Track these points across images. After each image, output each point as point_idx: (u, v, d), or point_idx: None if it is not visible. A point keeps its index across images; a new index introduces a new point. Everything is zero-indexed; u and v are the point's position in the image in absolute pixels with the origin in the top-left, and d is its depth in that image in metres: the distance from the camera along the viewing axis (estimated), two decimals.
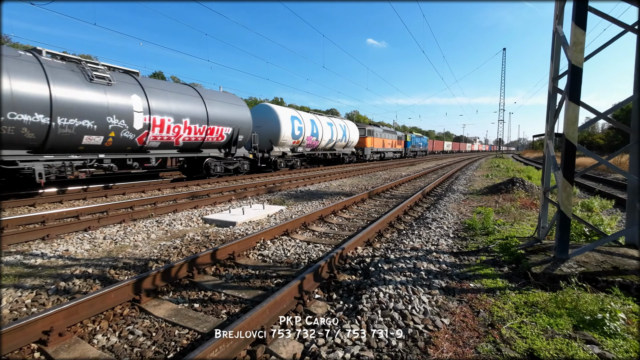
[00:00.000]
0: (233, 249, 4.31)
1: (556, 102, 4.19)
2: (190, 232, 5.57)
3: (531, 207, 7.32)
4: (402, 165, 25.62)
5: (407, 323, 2.59)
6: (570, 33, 3.36)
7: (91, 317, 2.80)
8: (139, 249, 4.74)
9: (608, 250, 3.70)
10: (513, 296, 3.02)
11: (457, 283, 3.41)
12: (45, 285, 3.49)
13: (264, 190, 10.67)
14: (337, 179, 14.89)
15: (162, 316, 2.89)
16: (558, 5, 4.02)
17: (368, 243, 4.86)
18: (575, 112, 3.37)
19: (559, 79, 4.17)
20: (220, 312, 2.98)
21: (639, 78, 3.58)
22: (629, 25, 3.55)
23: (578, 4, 3.27)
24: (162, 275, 3.42)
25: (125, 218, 6.50)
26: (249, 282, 3.64)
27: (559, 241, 3.50)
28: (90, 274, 3.78)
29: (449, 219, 6.41)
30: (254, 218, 6.61)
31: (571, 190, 3.48)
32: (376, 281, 3.35)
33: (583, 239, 4.50)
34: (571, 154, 3.43)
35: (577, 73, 3.33)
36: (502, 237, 4.81)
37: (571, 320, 2.56)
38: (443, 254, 4.30)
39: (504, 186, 9.84)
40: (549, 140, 4.24)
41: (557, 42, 4.06)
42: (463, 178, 15.09)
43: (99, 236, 5.36)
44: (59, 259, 4.33)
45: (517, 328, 2.49)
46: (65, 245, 4.91)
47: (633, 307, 2.68)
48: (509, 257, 3.99)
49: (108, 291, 2.94)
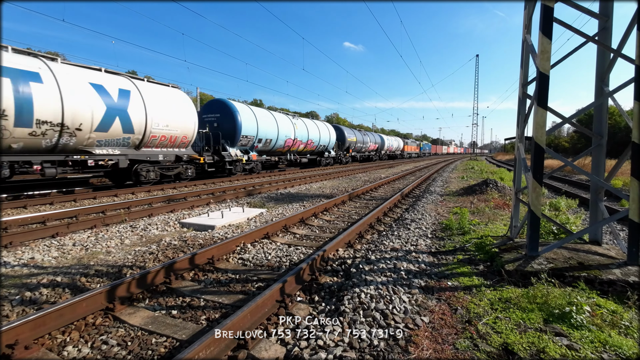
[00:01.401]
0: (212, 253, 4.21)
1: (526, 107, 4.41)
2: (167, 237, 5.40)
3: (504, 207, 7.64)
4: (381, 168, 26.02)
5: (389, 322, 2.62)
6: (538, 42, 3.55)
7: (60, 328, 2.65)
8: (112, 255, 4.54)
9: (574, 247, 3.92)
10: (488, 293, 3.14)
11: (435, 282, 3.50)
12: (8, 295, 3.27)
13: (244, 193, 10.52)
14: (318, 181, 14.92)
15: (138, 324, 2.78)
16: (527, 15, 4.24)
17: (349, 245, 4.90)
18: (543, 117, 3.56)
19: (528, 85, 4.39)
20: (200, 318, 2.91)
21: (599, 86, 3.83)
22: (590, 36, 3.80)
23: (545, 14, 3.47)
24: (138, 282, 3.29)
25: (97, 223, 6.21)
26: (229, 286, 3.58)
27: (530, 239, 3.68)
28: (59, 283, 3.58)
29: (427, 220, 6.58)
30: (234, 221, 6.50)
31: (540, 191, 3.66)
32: (358, 282, 3.38)
33: (552, 236, 4.75)
34: (540, 156, 3.61)
35: (544, 80, 3.52)
36: (478, 237, 4.99)
37: (542, 315, 2.69)
38: (422, 254, 4.40)
39: (478, 187, 10.21)
40: (519, 143, 4.45)
41: (526, 50, 4.28)
42: (440, 180, 15.53)
43: (68, 243, 5.09)
44: (23, 268, 4.07)
45: (492, 323, 2.59)
46: (30, 252, 4.62)
47: (597, 300, 2.85)
48: (484, 256, 4.14)
49: (79, 300, 2.80)
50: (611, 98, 3.77)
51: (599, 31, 3.80)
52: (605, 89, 3.77)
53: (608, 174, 3.99)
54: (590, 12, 3.76)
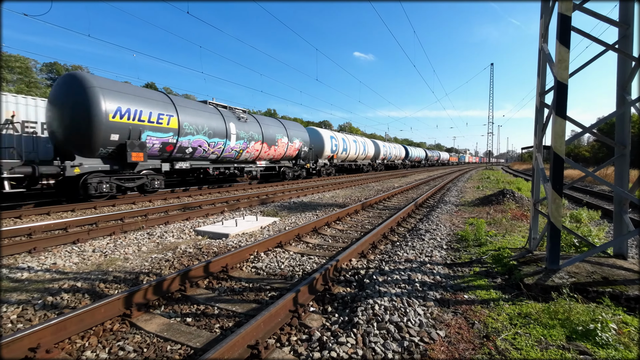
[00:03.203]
0: (226, 261, 4.26)
1: (543, 117, 4.32)
2: (183, 245, 5.49)
3: (522, 218, 7.43)
4: (395, 177, 25.81)
5: (403, 336, 2.58)
6: (555, 51, 3.50)
7: (80, 333, 2.72)
8: (129, 262, 4.65)
9: (597, 261, 3.77)
10: (507, 307, 3.04)
11: (451, 294, 3.42)
12: (32, 300, 3.39)
13: (257, 201, 10.61)
14: (330, 190, 14.92)
15: (153, 331, 2.82)
16: (543, 24, 4.19)
17: (362, 255, 4.86)
18: (562, 126, 3.48)
19: (546, 94, 4.32)
20: (214, 327, 2.93)
21: (620, 94, 3.73)
22: (610, 45, 3.72)
23: (562, 23, 3.42)
24: (154, 289, 3.36)
25: (116, 230, 6.38)
26: (243, 295, 3.59)
27: (550, 252, 3.56)
28: (79, 288, 3.68)
29: (442, 230, 6.46)
30: (247, 230, 6.56)
31: (560, 202, 3.56)
32: (371, 293, 3.34)
33: (573, 249, 4.58)
34: (559, 166, 3.52)
35: (562, 89, 3.45)
36: (495, 248, 4.87)
37: (564, 331, 2.58)
38: (437, 266, 4.32)
39: (494, 197, 9.98)
40: (537, 153, 4.35)
41: (543, 59, 4.22)
42: (455, 189, 15.26)
43: (88, 249, 5.25)
44: (46, 273, 4.21)
45: (511, 339, 2.51)
46: (53, 258, 4.78)
47: (623, 318, 2.72)
48: (501, 268, 4.02)
49: (97, 306, 2.87)
50: (634, 107, 3.65)
51: (619, 39, 3.72)
52: (627, 98, 3.67)
53: (633, 185, 3.85)
54: (610, 20, 3.69)
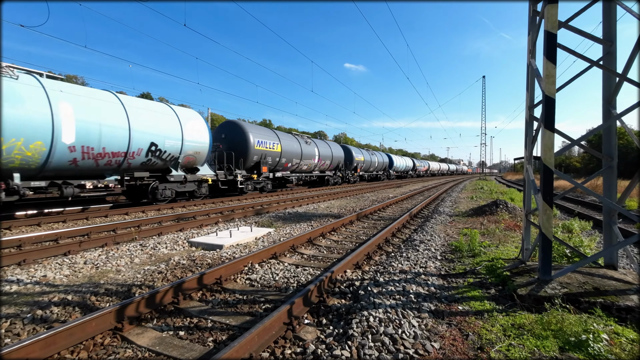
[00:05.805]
0: (220, 273, 4.22)
1: (533, 129, 4.43)
2: (176, 256, 5.43)
3: (515, 228, 7.50)
4: (389, 187, 25.93)
5: (398, 348, 2.57)
6: (542, 66, 3.62)
7: (70, 347, 2.67)
8: (121, 274, 4.58)
9: (589, 272, 3.82)
10: (500, 318, 3.06)
11: (446, 306, 3.43)
12: (20, 313, 3.32)
13: (252, 212, 10.58)
14: (326, 200, 14.92)
15: (145, 345, 2.77)
16: (530, 40, 4.34)
17: (357, 266, 4.85)
18: (550, 139, 3.57)
19: (535, 107, 4.43)
20: (207, 340, 2.89)
21: (606, 108, 3.85)
22: (595, 61, 3.85)
23: (548, 40, 3.55)
24: (146, 302, 3.31)
25: (108, 241, 6.30)
26: (237, 307, 3.56)
27: (542, 263, 3.60)
28: (69, 301, 3.61)
29: (436, 241, 6.49)
30: (242, 241, 6.52)
31: (551, 213, 3.62)
32: (366, 305, 3.33)
33: (565, 260, 4.63)
34: (549, 178, 3.60)
35: (550, 103, 3.56)
36: (488, 259, 4.90)
37: (557, 342, 2.60)
38: (431, 277, 4.33)
39: (488, 208, 10.07)
40: (528, 165, 4.44)
41: (531, 74, 4.35)
42: (449, 200, 15.37)
43: (80, 261, 5.17)
44: (36, 286, 4.13)
45: (505, 351, 2.51)
46: (43, 270, 4.70)
47: (615, 328, 2.75)
48: (495, 279, 4.05)
49: (88, 319, 2.82)
50: (619, 120, 3.77)
51: (603, 55, 3.86)
52: (612, 112, 3.78)
53: (621, 196, 3.93)
54: (594, 37, 3.83)
